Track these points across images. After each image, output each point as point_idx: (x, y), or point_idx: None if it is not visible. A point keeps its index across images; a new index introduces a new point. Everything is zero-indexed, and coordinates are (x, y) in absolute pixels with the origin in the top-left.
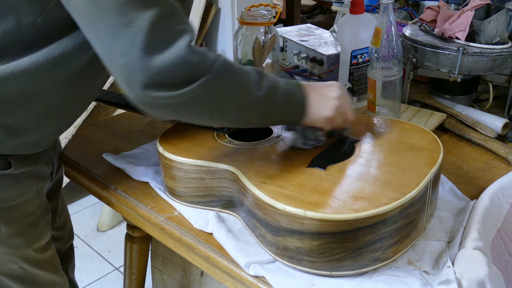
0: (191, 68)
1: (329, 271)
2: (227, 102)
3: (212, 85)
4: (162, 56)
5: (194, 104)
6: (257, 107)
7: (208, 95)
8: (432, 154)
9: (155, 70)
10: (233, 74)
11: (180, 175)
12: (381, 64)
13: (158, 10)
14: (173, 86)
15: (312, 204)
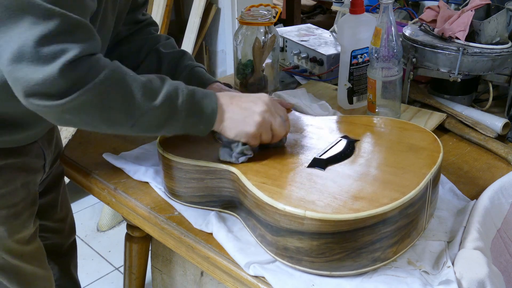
0: (67, 82)
1: (329, 271)
2: (114, 111)
3: (93, 95)
4: (41, 70)
5: (79, 112)
6: (150, 115)
7: (91, 104)
8: (432, 154)
9: (32, 82)
10: (119, 85)
11: (180, 175)
12: (381, 64)
13: (51, 26)
14: (53, 96)
15: (312, 204)
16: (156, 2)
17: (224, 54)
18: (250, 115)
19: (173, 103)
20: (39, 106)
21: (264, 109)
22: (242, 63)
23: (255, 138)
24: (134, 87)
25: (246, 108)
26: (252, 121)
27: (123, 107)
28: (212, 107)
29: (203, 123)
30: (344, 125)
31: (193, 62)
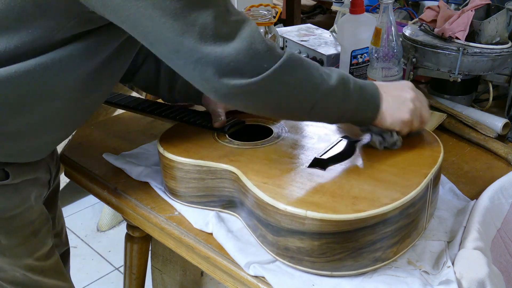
0: (259, 56)
1: (330, 271)
2: (301, 89)
3: (285, 72)
4: (230, 45)
5: (270, 91)
6: (330, 96)
7: (282, 82)
8: (432, 154)
9: (228, 59)
10: (302, 63)
11: (180, 175)
12: (381, 64)
13: (215, 8)
14: (248, 73)
15: (313, 204)
16: None
17: None
18: (403, 102)
19: (346, 85)
20: (232, 87)
21: (414, 95)
22: None
23: (408, 125)
24: (312, 66)
25: (398, 96)
26: (406, 108)
27: (307, 85)
28: (377, 93)
29: (371, 109)
30: (345, 125)
31: None
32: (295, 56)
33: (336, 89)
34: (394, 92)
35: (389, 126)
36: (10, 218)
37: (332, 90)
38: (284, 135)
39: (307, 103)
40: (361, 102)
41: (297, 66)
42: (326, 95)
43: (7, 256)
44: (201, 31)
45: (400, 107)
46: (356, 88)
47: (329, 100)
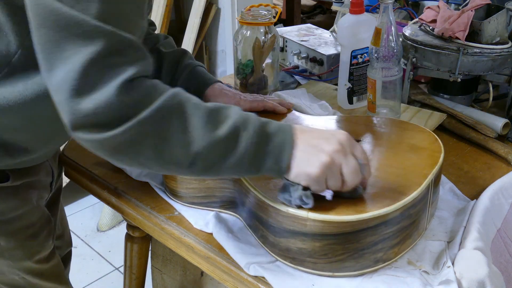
0: (121, 109)
1: (331, 272)
2: (171, 143)
3: (147, 126)
4: (91, 98)
5: (128, 147)
6: (213, 151)
7: (147, 134)
8: (433, 155)
9: (81, 113)
10: (179, 112)
11: (181, 176)
12: (381, 64)
13: (100, 47)
14: (101, 128)
15: (315, 206)
16: (156, 2)
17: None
18: (317, 153)
19: (239, 134)
20: (88, 141)
21: (336, 148)
22: (242, 63)
23: (317, 182)
24: (196, 115)
25: (315, 146)
26: (317, 161)
27: (181, 138)
28: (284, 140)
29: (273, 165)
30: (345, 125)
31: (193, 61)
32: (173, 102)
33: (223, 141)
34: (313, 140)
35: (293, 179)
36: (9, 220)
37: (216, 142)
38: None
39: (184, 159)
40: (259, 154)
41: (170, 116)
42: (207, 148)
43: (6, 258)
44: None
45: (310, 159)
46: (255, 138)
47: (212, 154)
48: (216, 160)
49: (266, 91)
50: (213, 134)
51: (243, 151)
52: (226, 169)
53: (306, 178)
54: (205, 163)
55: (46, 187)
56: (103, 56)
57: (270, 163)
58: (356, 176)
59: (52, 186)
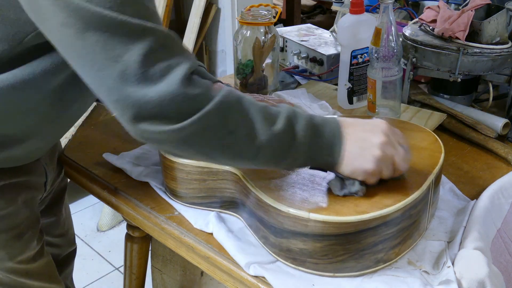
0: (186, 101)
1: (332, 273)
2: (236, 136)
3: (215, 116)
4: (154, 89)
5: (196, 139)
6: (275, 143)
7: (210, 129)
8: (433, 155)
9: (146, 105)
10: (238, 106)
11: (181, 177)
12: (381, 64)
13: (149, 42)
14: (167, 120)
15: (316, 206)
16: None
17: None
18: (368, 148)
19: (293, 127)
20: (155, 133)
21: (384, 140)
22: (242, 63)
23: (374, 175)
24: (253, 110)
25: (363, 140)
26: (370, 156)
27: (245, 131)
28: (333, 134)
29: (327, 154)
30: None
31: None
32: (231, 98)
33: (282, 134)
34: (360, 134)
35: (350, 175)
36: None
37: (276, 135)
38: None
39: (248, 151)
40: (314, 146)
41: (232, 110)
42: (270, 141)
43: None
44: (121, 72)
45: (364, 154)
46: (308, 130)
47: (274, 147)
48: (277, 152)
49: (266, 91)
50: (272, 128)
51: (300, 142)
52: (286, 161)
53: (363, 174)
54: (268, 155)
55: (38, 187)
56: (154, 51)
57: (325, 154)
58: (406, 162)
59: (46, 187)
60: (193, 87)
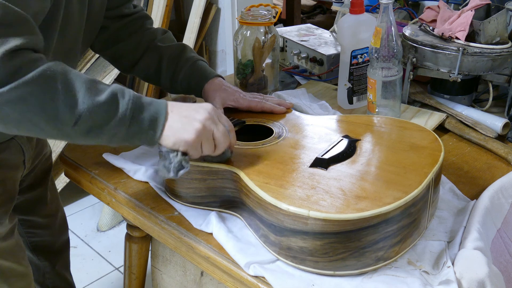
0: (10, 69)
1: (333, 271)
2: (56, 103)
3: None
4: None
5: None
6: (94, 112)
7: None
8: (433, 153)
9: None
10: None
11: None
12: (381, 64)
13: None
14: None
15: (316, 204)
16: (156, 2)
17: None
18: (190, 122)
19: (117, 101)
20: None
21: (206, 116)
22: (242, 63)
23: (194, 147)
24: (78, 81)
25: (187, 116)
26: (191, 128)
27: (66, 100)
28: (158, 110)
29: (150, 127)
30: (345, 124)
31: (195, 55)
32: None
33: (104, 105)
34: (184, 112)
35: (172, 146)
36: None
37: (98, 106)
38: (285, 135)
39: (68, 119)
40: (136, 120)
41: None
42: (90, 111)
43: None
44: None
45: (186, 127)
46: (131, 105)
47: (95, 116)
48: (97, 123)
49: (266, 91)
50: (94, 98)
51: (122, 116)
52: (106, 133)
53: (184, 144)
54: (87, 125)
55: (15, 165)
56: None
57: (145, 129)
58: (226, 139)
59: (25, 164)
60: (18, 60)
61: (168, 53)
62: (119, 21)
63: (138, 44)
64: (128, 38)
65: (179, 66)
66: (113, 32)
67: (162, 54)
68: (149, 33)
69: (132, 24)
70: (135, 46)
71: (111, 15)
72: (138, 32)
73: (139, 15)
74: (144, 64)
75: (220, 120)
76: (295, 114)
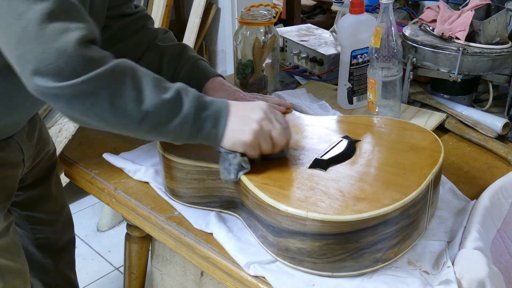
0: (81, 61)
1: (331, 272)
2: (125, 99)
3: (107, 77)
4: (51, 46)
5: (91, 96)
6: (161, 109)
7: (104, 87)
8: (433, 154)
9: (43, 61)
10: (132, 73)
11: (181, 176)
12: (381, 64)
13: (50, 4)
14: (61, 77)
15: (314, 205)
16: (156, 2)
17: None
18: (248, 123)
19: (182, 98)
20: (47, 88)
21: (262, 116)
22: (242, 63)
23: (253, 147)
24: (146, 78)
25: (243, 116)
26: (249, 129)
27: (134, 96)
28: (220, 110)
29: (212, 126)
30: (345, 125)
31: (195, 55)
32: (126, 65)
33: (170, 103)
34: (241, 112)
35: (231, 147)
36: None
37: (164, 103)
38: None
39: (135, 115)
40: (200, 118)
41: (124, 75)
42: (157, 107)
43: None
44: (24, 27)
45: (243, 128)
46: (195, 102)
47: (161, 113)
48: (163, 120)
49: (266, 91)
50: (161, 95)
51: (186, 113)
52: (171, 130)
53: (242, 145)
54: (154, 121)
55: (14, 164)
56: (54, 12)
57: (209, 127)
58: (283, 137)
59: (25, 163)
60: (89, 51)
61: (169, 52)
62: (121, 20)
63: (139, 43)
64: (130, 37)
65: (180, 65)
66: (115, 32)
67: (162, 53)
68: (150, 33)
69: (133, 24)
70: (136, 45)
71: (113, 14)
72: (139, 31)
73: (141, 15)
74: (145, 63)
75: (276, 119)
76: (295, 114)
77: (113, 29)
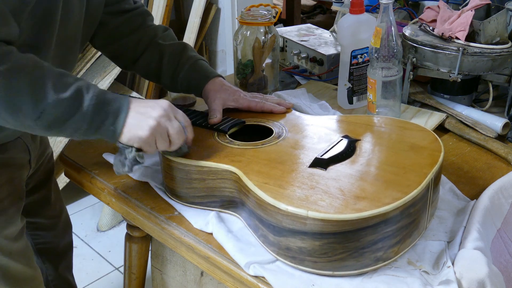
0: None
1: (332, 271)
2: (20, 96)
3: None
4: None
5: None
6: (58, 107)
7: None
8: (433, 154)
9: None
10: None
11: (181, 176)
12: (381, 64)
13: None
14: None
15: (314, 204)
16: (156, 2)
17: (224, 54)
18: (146, 119)
19: (82, 96)
20: None
21: (161, 114)
22: (242, 63)
23: (148, 143)
24: (45, 76)
25: (142, 113)
26: (146, 125)
27: (31, 94)
28: (119, 107)
29: (110, 123)
30: (345, 124)
31: (196, 55)
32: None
33: (68, 100)
34: (142, 109)
35: (127, 142)
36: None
37: (61, 101)
38: (284, 135)
39: (32, 112)
40: (100, 115)
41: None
42: (54, 106)
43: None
44: None
45: (141, 124)
46: (95, 100)
47: (58, 112)
48: (60, 117)
49: (266, 91)
50: (59, 93)
51: (85, 110)
52: (69, 127)
53: (138, 141)
54: (50, 119)
55: (22, 165)
56: None
57: (107, 124)
58: (180, 136)
59: (30, 164)
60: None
61: (169, 51)
62: (120, 17)
63: (139, 41)
64: (129, 34)
65: (180, 65)
66: (114, 28)
67: (163, 51)
68: (150, 30)
69: (132, 21)
70: (136, 43)
71: (111, 10)
72: (139, 29)
73: (140, 11)
74: (145, 61)
75: (176, 117)
76: (295, 114)
77: (112, 26)
